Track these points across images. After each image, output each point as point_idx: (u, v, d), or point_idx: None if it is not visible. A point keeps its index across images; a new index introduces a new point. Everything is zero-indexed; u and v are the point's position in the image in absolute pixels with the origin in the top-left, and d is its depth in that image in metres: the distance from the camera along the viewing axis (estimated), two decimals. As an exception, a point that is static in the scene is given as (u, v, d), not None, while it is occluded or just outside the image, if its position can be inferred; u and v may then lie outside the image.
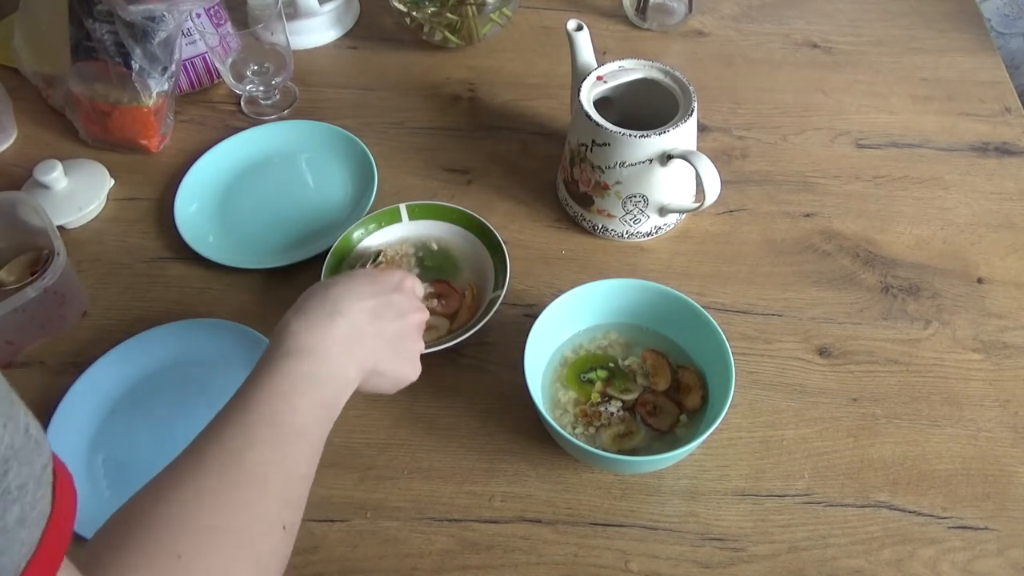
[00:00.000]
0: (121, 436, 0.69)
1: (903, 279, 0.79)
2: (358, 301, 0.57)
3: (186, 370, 0.72)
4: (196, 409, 0.70)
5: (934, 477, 0.66)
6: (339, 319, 0.55)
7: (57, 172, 0.82)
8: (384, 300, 0.59)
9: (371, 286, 0.59)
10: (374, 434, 0.69)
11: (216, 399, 0.71)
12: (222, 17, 0.93)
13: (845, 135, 0.92)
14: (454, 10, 0.97)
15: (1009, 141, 0.92)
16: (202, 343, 0.73)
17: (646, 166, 0.75)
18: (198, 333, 0.73)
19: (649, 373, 0.68)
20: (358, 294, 0.58)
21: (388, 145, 0.91)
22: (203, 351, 0.73)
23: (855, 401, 0.70)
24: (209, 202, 0.86)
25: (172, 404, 0.70)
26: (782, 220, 0.84)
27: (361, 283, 0.59)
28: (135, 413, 0.70)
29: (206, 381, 0.71)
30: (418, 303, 0.63)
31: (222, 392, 0.71)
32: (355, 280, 0.59)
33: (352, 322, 0.56)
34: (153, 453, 0.67)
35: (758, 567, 0.61)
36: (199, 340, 0.73)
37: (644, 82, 0.78)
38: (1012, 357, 0.73)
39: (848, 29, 1.05)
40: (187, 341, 0.73)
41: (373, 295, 0.59)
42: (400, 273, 0.63)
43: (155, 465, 0.67)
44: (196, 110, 0.96)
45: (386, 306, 0.59)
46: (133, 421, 0.69)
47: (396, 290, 0.61)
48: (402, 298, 0.61)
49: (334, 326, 0.55)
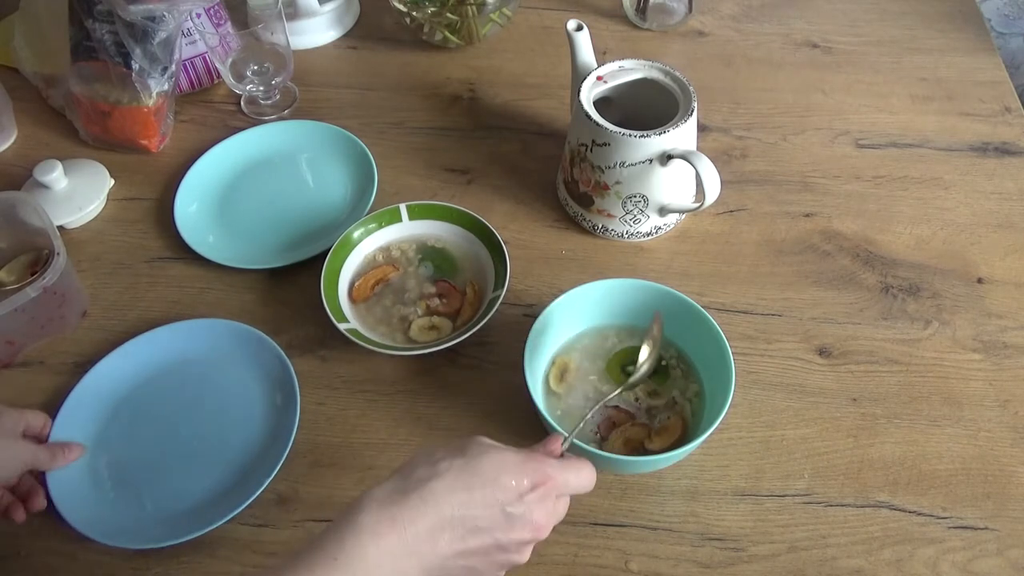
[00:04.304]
0: (124, 437, 0.69)
1: (903, 279, 0.79)
2: (460, 529, 0.46)
3: (188, 369, 0.72)
4: (199, 409, 0.70)
5: (934, 477, 0.66)
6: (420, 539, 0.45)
7: (57, 172, 0.82)
8: (498, 542, 0.47)
9: (502, 524, 0.47)
10: (374, 434, 0.69)
11: (218, 398, 0.71)
12: (222, 17, 0.93)
13: (845, 135, 0.93)
14: (454, 10, 0.97)
15: (1009, 141, 0.92)
16: (203, 343, 0.73)
17: (646, 166, 0.75)
18: (199, 333, 0.73)
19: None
20: (471, 519, 0.46)
21: (388, 145, 0.91)
22: (205, 351, 0.73)
23: (855, 401, 0.70)
24: (209, 202, 0.86)
25: (175, 404, 0.70)
26: (782, 220, 0.84)
27: (489, 502, 0.47)
28: (138, 414, 0.70)
29: (208, 380, 0.71)
30: (530, 546, 0.50)
31: (224, 391, 0.71)
32: (482, 494, 0.47)
33: (434, 549, 0.46)
34: (156, 453, 0.67)
35: (758, 567, 0.61)
36: (200, 340, 0.73)
37: (644, 82, 0.78)
38: (1012, 357, 0.73)
39: (848, 29, 1.05)
40: (188, 341, 0.73)
41: (490, 527, 0.47)
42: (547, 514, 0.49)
43: (159, 465, 0.67)
44: (196, 110, 0.96)
45: (494, 549, 0.48)
46: (136, 421, 0.69)
47: (521, 539, 0.48)
48: (522, 546, 0.49)
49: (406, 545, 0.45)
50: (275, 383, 0.70)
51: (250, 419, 0.69)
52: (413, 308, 0.74)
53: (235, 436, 0.68)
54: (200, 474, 0.66)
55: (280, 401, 0.70)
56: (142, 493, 0.65)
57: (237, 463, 0.67)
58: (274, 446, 0.67)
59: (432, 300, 0.75)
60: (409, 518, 0.45)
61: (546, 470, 0.49)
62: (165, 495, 0.65)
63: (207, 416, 0.70)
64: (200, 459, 0.67)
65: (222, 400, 0.70)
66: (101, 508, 0.64)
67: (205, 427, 0.69)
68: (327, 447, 0.68)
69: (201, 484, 0.65)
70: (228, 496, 0.64)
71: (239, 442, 0.68)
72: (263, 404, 0.70)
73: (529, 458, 0.49)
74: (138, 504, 0.65)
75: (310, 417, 0.69)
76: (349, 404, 0.71)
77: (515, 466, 0.48)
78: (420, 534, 0.45)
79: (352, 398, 0.71)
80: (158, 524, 0.63)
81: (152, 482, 0.66)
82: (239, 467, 0.66)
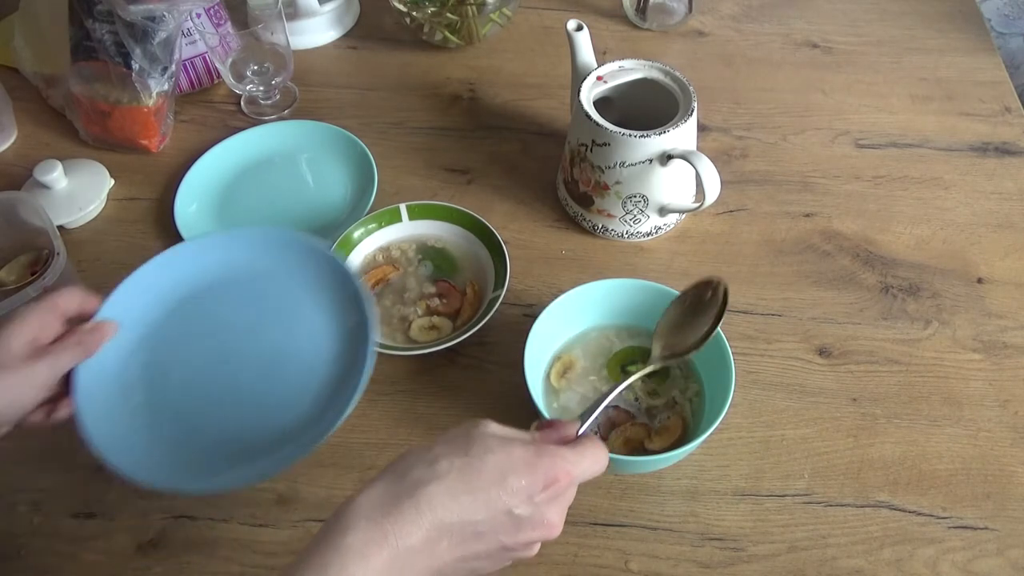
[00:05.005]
0: (166, 355, 0.61)
1: (903, 279, 0.79)
2: (459, 534, 0.42)
3: (235, 281, 0.64)
4: (253, 332, 0.62)
5: (934, 477, 0.66)
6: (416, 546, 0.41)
7: (57, 172, 0.82)
8: (503, 545, 0.44)
9: (503, 528, 0.43)
10: (374, 434, 0.69)
11: (276, 321, 0.62)
12: (222, 17, 0.93)
13: (845, 135, 0.93)
14: (454, 10, 0.97)
15: (1009, 141, 0.92)
16: (251, 253, 0.64)
17: (646, 166, 0.75)
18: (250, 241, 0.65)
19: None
20: (471, 526, 0.42)
21: (388, 145, 0.91)
22: (251, 261, 0.64)
23: (855, 401, 0.70)
24: (209, 202, 0.86)
25: (226, 324, 0.63)
26: (782, 220, 0.84)
27: (488, 511, 0.43)
28: (187, 328, 0.62)
29: (255, 290, 0.64)
30: (539, 543, 0.47)
31: (283, 313, 0.62)
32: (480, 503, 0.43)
33: (432, 550, 0.42)
34: (202, 378, 0.60)
35: (758, 567, 0.61)
36: (251, 251, 0.64)
37: (644, 82, 0.78)
38: (1012, 357, 0.73)
39: (848, 29, 1.05)
40: (235, 251, 0.65)
41: (494, 531, 0.43)
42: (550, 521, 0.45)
43: (204, 393, 0.59)
44: (196, 110, 0.96)
45: (499, 551, 0.44)
46: (181, 340, 0.62)
47: (526, 542, 0.45)
48: (530, 545, 0.46)
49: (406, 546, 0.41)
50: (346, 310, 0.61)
51: (315, 351, 0.59)
52: (413, 308, 0.74)
53: (296, 366, 0.59)
54: (252, 411, 0.57)
55: (350, 328, 0.60)
56: (182, 421, 0.57)
57: (301, 400, 0.58)
58: (343, 388, 0.57)
59: (432, 300, 0.75)
60: (403, 531, 0.41)
61: (561, 466, 0.45)
62: (206, 427, 0.57)
63: (255, 326, 0.62)
64: (254, 392, 0.59)
65: (280, 324, 0.62)
66: (130, 434, 0.57)
67: (261, 352, 0.61)
68: (327, 447, 0.68)
69: (252, 423, 0.57)
70: (281, 440, 0.55)
71: (300, 376, 0.58)
72: (331, 335, 0.60)
73: (540, 453, 0.45)
74: (175, 435, 0.57)
75: (310, 417, 0.69)
76: (349, 404, 0.70)
77: (524, 465, 0.44)
78: (415, 547, 0.41)
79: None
80: (191, 464, 0.56)
81: (195, 412, 0.59)
82: (301, 404, 0.57)
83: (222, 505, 0.64)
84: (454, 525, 0.42)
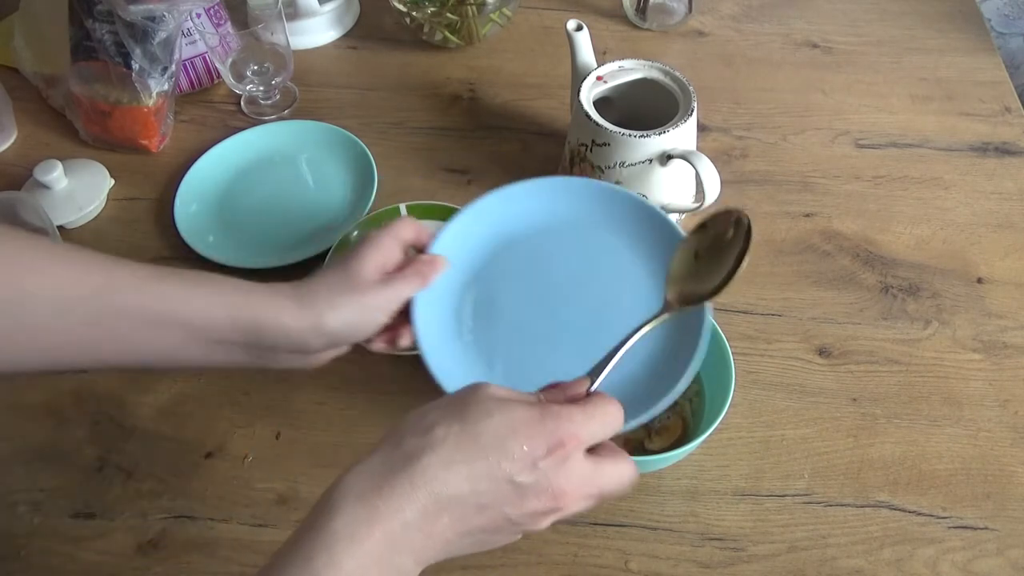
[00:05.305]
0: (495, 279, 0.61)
1: (903, 279, 0.79)
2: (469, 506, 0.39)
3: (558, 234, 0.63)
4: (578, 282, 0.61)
5: (934, 477, 0.66)
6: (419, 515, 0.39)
7: (57, 172, 0.82)
8: (508, 517, 0.41)
9: (509, 487, 0.40)
10: (374, 434, 0.68)
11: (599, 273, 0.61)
12: (222, 17, 0.93)
13: (845, 135, 0.93)
14: (454, 10, 0.97)
15: (1009, 141, 0.92)
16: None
17: (646, 166, 0.75)
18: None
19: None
20: (476, 495, 0.39)
21: (388, 145, 0.91)
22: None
23: (855, 401, 0.70)
24: (209, 202, 0.86)
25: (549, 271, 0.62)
26: (782, 220, 0.84)
27: (496, 475, 0.40)
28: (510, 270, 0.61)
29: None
30: (549, 516, 0.43)
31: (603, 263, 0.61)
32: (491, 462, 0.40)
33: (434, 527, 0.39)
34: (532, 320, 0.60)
35: (758, 567, 0.61)
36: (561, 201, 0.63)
37: (644, 82, 0.78)
38: (1012, 357, 0.73)
39: (848, 29, 1.05)
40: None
41: (497, 502, 0.40)
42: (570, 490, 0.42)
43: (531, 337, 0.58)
44: (196, 110, 0.97)
45: (504, 523, 0.41)
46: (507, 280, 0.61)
47: (536, 512, 0.41)
48: (537, 516, 0.42)
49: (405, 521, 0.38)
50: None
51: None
52: (413, 308, 0.74)
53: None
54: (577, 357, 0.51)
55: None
56: (512, 363, 0.56)
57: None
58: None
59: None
60: (396, 508, 0.38)
61: (566, 428, 0.41)
62: (534, 373, 0.51)
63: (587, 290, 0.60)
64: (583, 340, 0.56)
65: (605, 276, 0.61)
66: (465, 369, 0.57)
67: (585, 302, 0.60)
68: (327, 447, 0.68)
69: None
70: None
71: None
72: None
73: (544, 414, 0.41)
74: (507, 376, 0.56)
75: (310, 417, 0.69)
76: (349, 404, 0.71)
77: (526, 427, 0.40)
78: (411, 523, 0.38)
79: (352, 398, 0.71)
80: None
81: (524, 355, 0.58)
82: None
83: (222, 505, 0.65)
84: (453, 498, 0.39)
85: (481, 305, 0.61)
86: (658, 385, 0.53)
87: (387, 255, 0.55)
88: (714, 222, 0.55)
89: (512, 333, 0.59)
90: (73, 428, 0.69)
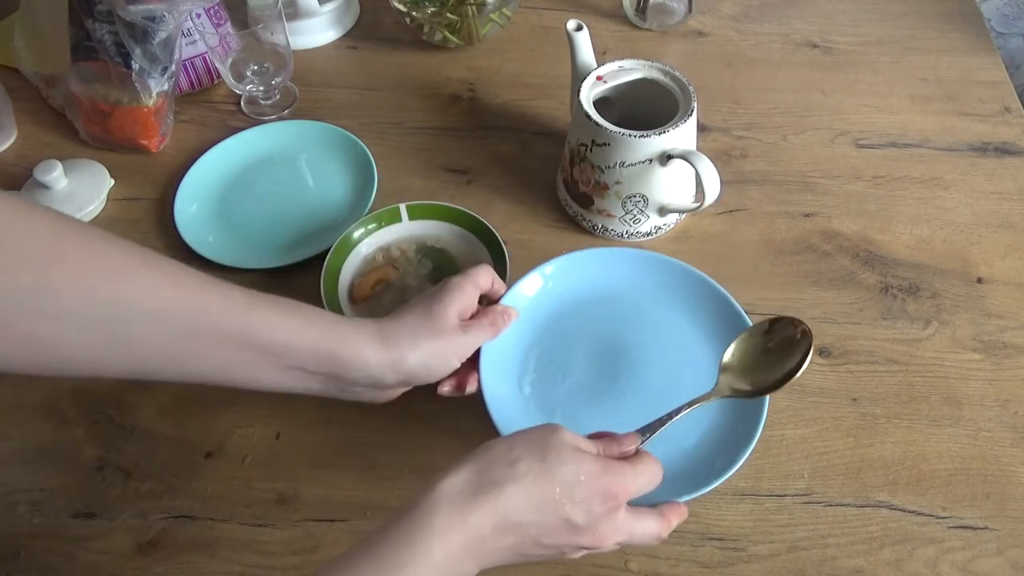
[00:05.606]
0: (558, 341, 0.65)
1: (903, 279, 0.79)
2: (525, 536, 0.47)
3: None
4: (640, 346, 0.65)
5: (934, 477, 0.66)
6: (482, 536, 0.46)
7: (57, 172, 0.82)
8: (558, 547, 0.49)
9: (564, 531, 0.48)
10: (374, 434, 0.69)
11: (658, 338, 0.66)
12: (222, 17, 0.93)
13: (845, 135, 0.93)
14: (454, 10, 0.97)
15: (1009, 141, 0.92)
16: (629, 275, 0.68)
17: (646, 166, 0.75)
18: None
19: None
20: (535, 526, 0.47)
21: (388, 145, 0.91)
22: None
23: (855, 401, 0.70)
24: (209, 202, 0.86)
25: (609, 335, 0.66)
26: (782, 220, 0.84)
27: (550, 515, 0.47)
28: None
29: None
30: (581, 552, 0.51)
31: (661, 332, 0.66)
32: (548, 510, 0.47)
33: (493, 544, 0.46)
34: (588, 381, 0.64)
35: (758, 567, 0.61)
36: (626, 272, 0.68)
37: (644, 82, 0.78)
38: (1012, 357, 0.73)
39: (848, 29, 1.06)
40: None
41: (555, 536, 0.48)
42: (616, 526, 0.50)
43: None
44: (196, 110, 0.97)
45: (552, 551, 0.49)
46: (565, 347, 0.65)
47: (580, 544, 0.49)
48: (578, 549, 0.50)
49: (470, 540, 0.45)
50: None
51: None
52: (413, 308, 0.74)
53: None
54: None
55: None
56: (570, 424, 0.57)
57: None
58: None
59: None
60: (479, 522, 0.45)
61: (621, 484, 0.49)
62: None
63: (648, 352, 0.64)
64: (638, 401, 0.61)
65: (668, 349, 0.65)
66: (523, 420, 0.60)
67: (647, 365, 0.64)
68: (327, 447, 0.68)
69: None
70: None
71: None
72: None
73: (607, 469, 0.49)
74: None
75: (310, 417, 0.69)
76: (349, 404, 0.70)
77: (591, 479, 0.48)
78: (486, 536, 0.45)
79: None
80: None
81: (581, 418, 0.60)
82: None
83: (222, 505, 0.65)
84: (521, 524, 0.46)
85: (544, 361, 0.65)
86: (714, 461, 0.59)
87: (468, 302, 0.59)
88: (780, 325, 0.60)
89: (571, 390, 0.63)
90: (73, 428, 0.69)
